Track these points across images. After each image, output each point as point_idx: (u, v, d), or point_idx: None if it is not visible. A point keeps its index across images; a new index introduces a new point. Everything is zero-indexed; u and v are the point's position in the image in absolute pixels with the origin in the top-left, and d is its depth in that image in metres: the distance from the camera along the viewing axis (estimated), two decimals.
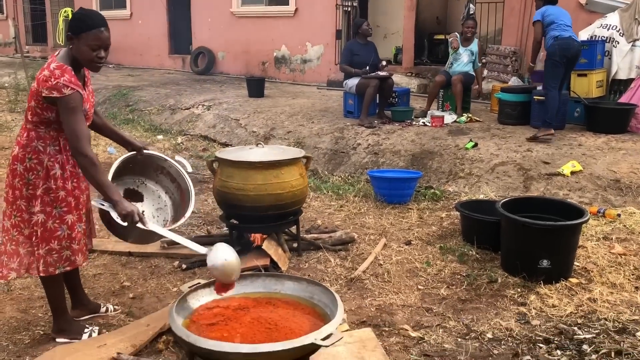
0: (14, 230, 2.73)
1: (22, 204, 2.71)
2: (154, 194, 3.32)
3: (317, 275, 3.72)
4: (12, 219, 2.73)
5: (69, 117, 2.58)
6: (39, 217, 2.70)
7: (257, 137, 7.47)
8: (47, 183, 2.70)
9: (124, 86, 10.91)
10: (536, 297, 3.40)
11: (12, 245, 2.74)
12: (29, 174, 2.69)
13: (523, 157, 5.66)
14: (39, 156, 2.68)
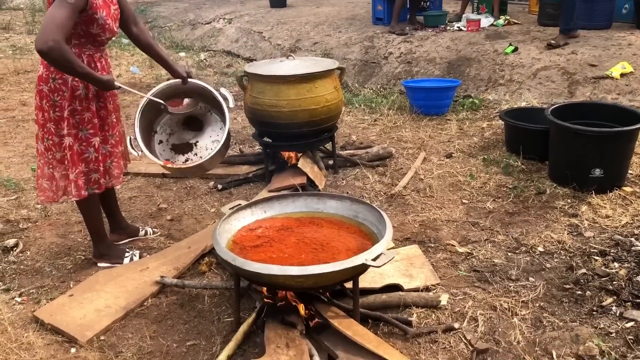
0: (48, 153, 2.65)
1: (52, 127, 2.60)
2: (216, 125, 3.14)
3: (355, 192, 3.60)
4: (45, 142, 2.64)
5: (54, 8, 2.31)
6: (68, 140, 2.59)
7: (282, 50, 7.17)
8: (72, 104, 2.56)
9: (142, 2, 10.53)
10: (588, 207, 3.24)
11: (48, 168, 2.67)
12: (54, 95, 2.55)
13: (567, 60, 5.30)
14: (63, 75, 2.52)
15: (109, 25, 2.55)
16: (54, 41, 2.26)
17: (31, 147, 4.27)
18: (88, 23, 2.46)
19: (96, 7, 2.44)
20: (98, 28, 2.50)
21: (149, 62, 7.38)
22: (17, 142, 4.67)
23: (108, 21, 2.54)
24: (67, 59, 2.32)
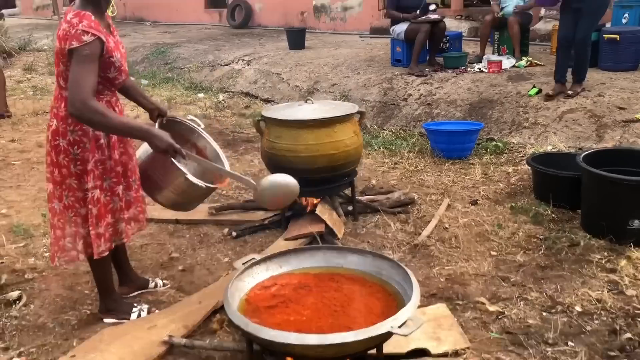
0: (69, 212, 2.46)
1: (73, 183, 2.43)
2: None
3: (376, 241, 3.42)
4: (65, 199, 2.45)
5: (77, 65, 2.20)
6: (95, 193, 2.44)
7: (300, 91, 7.11)
8: (96, 154, 2.42)
9: (162, 43, 10.64)
10: (627, 262, 3.01)
11: (71, 226, 2.48)
12: (75, 148, 2.39)
13: (594, 102, 5.13)
14: (83, 126, 2.37)
15: (124, 67, 2.46)
16: (82, 102, 2.17)
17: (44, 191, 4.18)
18: (105, 68, 2.36)
19: (111, 50, 2.34)
20: (115, 71, 2.40)
21: (167, 103, 7.38)
22: (30, 185, 4.59)
23: (123, 62, 2.45)
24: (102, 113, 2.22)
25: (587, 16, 4.99)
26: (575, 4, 4.97)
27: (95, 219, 2.45)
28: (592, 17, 5.05)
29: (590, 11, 4.99)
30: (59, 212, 2.48)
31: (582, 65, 5.26)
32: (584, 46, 5.14)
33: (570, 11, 5.04)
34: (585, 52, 5.17)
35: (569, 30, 5.09)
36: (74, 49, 2.21)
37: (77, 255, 2.51)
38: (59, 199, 2.46)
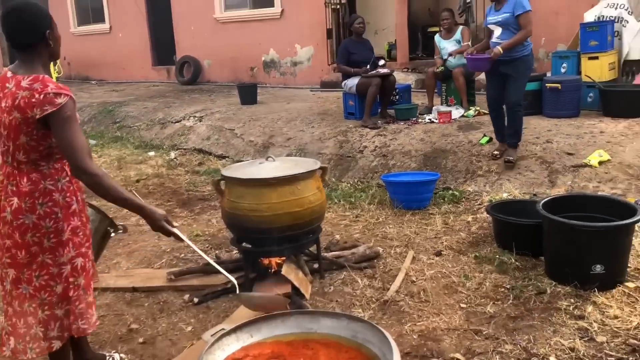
0: (42, 292, 2.27)
1: (47, 259, 2.25)
2: None
3: (345, 300, 3.34)
4: (36, 281, 2.26)
5: (64, 129, 2.12)
6: (77, 262, 2.30)
7: (255, 146, 7.08)
8: (72, 222, 2.29)
9: (109, 102, 10.47)
10: (594, 307, 3.04)
11: (45, 311, 2.27)
12: (47, 221, 2.23)
13: (543, 149, 5.31)
14: (52, 196, 2.23)
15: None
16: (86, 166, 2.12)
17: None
18: None
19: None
20: None
21: (117, 163, 7.19)
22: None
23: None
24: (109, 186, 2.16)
25: (515, 80, 5.01)
26: (503, 69, 5.00)
27: (82, 290, 2.32)
28: (520, 80, 5.05)
29: (518, 75, 5.01)
30: (30, 297, 2.26)
31: (516, 130, 5.18)
32: (516, 110, 5.08)
33: (497, 75, 5.08)
34: (518, 116, 5.12)
35: (497, 93, 5.13)
36: (50, 115, 2.10)
37: (50, 345, 2.29)
38: (28, 282, 2.25)
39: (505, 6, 4.95)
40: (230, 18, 12.03)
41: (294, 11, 10.99)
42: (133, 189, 5.49)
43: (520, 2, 4.87)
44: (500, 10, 4.99)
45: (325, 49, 10.60)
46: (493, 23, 5.07)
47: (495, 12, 5.07)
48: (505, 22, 4.94)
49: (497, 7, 5.06)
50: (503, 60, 4.94)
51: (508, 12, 4.91)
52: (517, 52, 4.93)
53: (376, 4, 11.36)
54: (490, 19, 5.10)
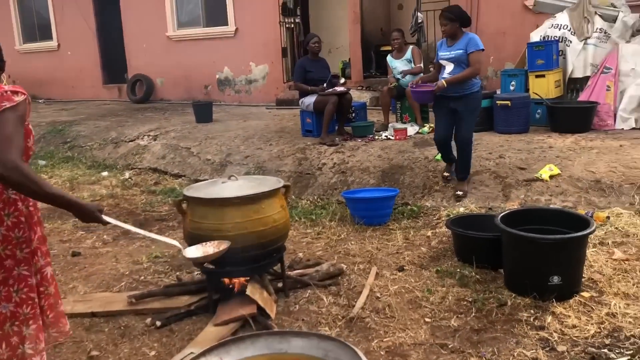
0: (24, 308, 2.16)
1: (23, 270, 2.16)
2: None
3: (311, 318, 3.33)
4: (16, 296, 2.15)
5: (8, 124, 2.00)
6: (47, 271, 2.26)
7: (212, 165, 7.02)
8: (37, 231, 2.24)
9: (59, 121, 10.18)
10: (553, 318, 3.14)
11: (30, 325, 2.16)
12: (16, 231, 2.15)
13: (497, 164, 5.48)
14: (17, 205, 2.15)
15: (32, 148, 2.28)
16: (13, 163, 1.94)
17: None
18: (27, 136, 2.17)
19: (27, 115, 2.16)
20: (31, 140, 2.22)
21: (69, 184, 6.98)
22: None
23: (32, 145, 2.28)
24: (34, 180, 2.00)
25: (465, 117, 4.95)
26: (453, 105, 4.93)
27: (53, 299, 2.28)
28: (470, 117, 4.99)
29: (468, 112, 4.95)
30: (11, 315, 2.15)
31: (466, 164, 5.14)
32: (468, 145, 5.04)
33: (447, 111, 5.00)
34: (469, 151, 5.09)
35: (446, 130, 5.05)
36: (5, 109, 2.02)
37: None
38: (7, 300, 2.15)
39: (459, 43, 4.88)
40: (184, 36, 11.95)
41: (248, 30, 11.02)
42: None
43: (474, 40, 4.84)
44: (453, 46, 4.91)
45: (280, 67, 10.66)
46: (445, 59, 4.96)
47: (447, 47, 4.97)
48: (458, 58, 4.87)
49: (449, 43, 4.96)
50: (452, 97, 4.90)
51: (461, 49, 4.84)
52: (466, 89, 4.89)
53: (330, 24, 11.52)
54: (443, 55, 4.98)
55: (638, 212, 4.43)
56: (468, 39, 4.86)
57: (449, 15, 4.84)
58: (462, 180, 5.17)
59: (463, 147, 5.02)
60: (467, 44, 4.83)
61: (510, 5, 8.35)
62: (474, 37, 4.89)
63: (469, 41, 4.84)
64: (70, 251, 4.66)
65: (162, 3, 11.95)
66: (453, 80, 4.82)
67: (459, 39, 4.89)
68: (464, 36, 4.90)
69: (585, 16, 6.83)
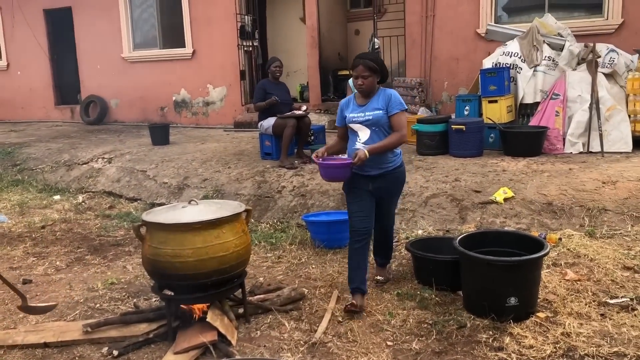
0: None
1: None
2: None
3: (273, 344, 3.30)
4: None
5: None
6: None
7: (169, 188, 6.91)
8: None
9: (8, 143, 9.86)
10: (511, 338, 3.20)
11: None
12: None
13: (453, 187, 5.60)
14: None
15: None
16: None
17: None
18: None
19: None
20: None
21: (19, 208, 6.74)
22: None
23: None
24: None
25: (391, 199, 3.94)
26: (375, 185, 3.73)
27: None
28: (396, 199, 4.03)
29: (394, 193, 3.94)
30: None
31: (389, 249, 4.22)
32: (391, 229, 4.12)
33: (366, 194, 3.73)
34: (392, 235, 4.18)
35: (370, 218, 3.75)
36: None
37: None
38: None
39: (374, 101, 3.69)
40: (139, 58, 11.81)
41: (206, 52, 11.00)
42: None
43: (396, 98, 3.68)
44: (367, 105, 3.69)
45: (238, 90, 10.66)
46: (359, 122, 3.67)
47: (358, 107, 3.72)
48: (376, 121, 3.63)
49: (360, 102, 3.73)
50: (374, 176, 3.68)
51: (379, 109, 3.63)
52: (389, 164, 3.71)
53: (287, 47, 11.63)
54: (354, 117, 3.70)
55: (588, 233, 4.60)
56: (387, 96, 3.67)
57: (371, 65, 3.61)
58: (382, 266, 4.21)
59: (387, 233, 4.08)
60: (387, 102, 3.64)
61: (463, 33, 8.63)
62: (394, 94, 3.70)
63: (389, 99, 3.65)
64: (21, 279, 4.48)
65: (117, 23, 11.82)
66: (376, 149, 3.56)
67: (374, 95, 3.71)
68: (380, 92, 3.72)
69: (534, 44, 7.12)
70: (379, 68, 3.66)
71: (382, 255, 4.20)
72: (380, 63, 3.70)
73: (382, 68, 3.70)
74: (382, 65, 3.71)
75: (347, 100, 3.85)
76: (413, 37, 9.04)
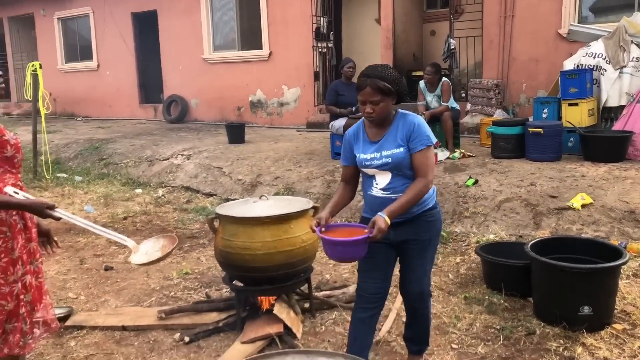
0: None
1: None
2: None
3: (337, 340, 3.35)
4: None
5: None
6: (26, 279, 2.36)
7: (243, 185, 7.12)
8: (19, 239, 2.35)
9: (96, 139, 10.48)
10: (583, 349, 3.08)
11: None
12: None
13: (528, 191, 5.43)
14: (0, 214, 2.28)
15: (19, 144, 2.42)
16: None
17: None
18: (2, 148, 2.33)
19: (2, 129, 2.32)
20: (12, 149, 2.36)
21: (104, 200, 7.16)
22: None
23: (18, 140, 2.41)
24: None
25: (419, 254, 2.76)
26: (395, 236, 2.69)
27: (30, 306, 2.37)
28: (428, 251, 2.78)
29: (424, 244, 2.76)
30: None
31: (423, 330, 2.95)
32: (424, 302, 2.85)
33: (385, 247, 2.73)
34: (426, 310, 2.89)
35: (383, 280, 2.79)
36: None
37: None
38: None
39: (391, 134, 2.66)
40: (219, 59, 12.23)
41: (282, 53, 11.23)
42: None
43: (421, 130, 2.62)
44: (383, 141, 2.66)
45: (312, 91, 10.80)
46: (375, 166, 2.66)
47: (371, 144, 2.69)
48: (397, 163, 2.62)
49: (372, 136, 2.70)
50: (395, 223, 2.59)
51: (401, 146, 2.62)
52: (417, 206, 2.68)
53: (362, 49, 11.66)
54: (367, 160, 2.67)
55: None
56: (410, 125, 2.63)
57: (382, 86, 2.55)
58: (417, 354, 3.03)
59: (417, 305, 2.87)
60: (409, 134, 2.62)
61: (544, 33, 8.34)
62: (418, 122, 2.64)
63: (411, 130, 2.62)
64: (103, 265, 4.77)
65: (198, 26, 12.29)
66: (398, 210, 2.55)
67: (390, 124, 2.67)
68: (399, 119, 2.67)
69: (621, 45, 6.77)
70: (393, 88, 2.57)
71: (417, 339, 2.97)
72: (394, 79, 2.59)
73: (399, 86, 2.60)
74: (397, 82, 2.60)
75: (355, 130, 2.77)
76: (491, 38, 8.83)
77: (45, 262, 4.90)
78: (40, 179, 8.26)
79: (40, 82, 8.14)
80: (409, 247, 2.74)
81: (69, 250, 5.23)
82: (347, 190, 2.87)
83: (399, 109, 2.71)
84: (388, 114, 2.63)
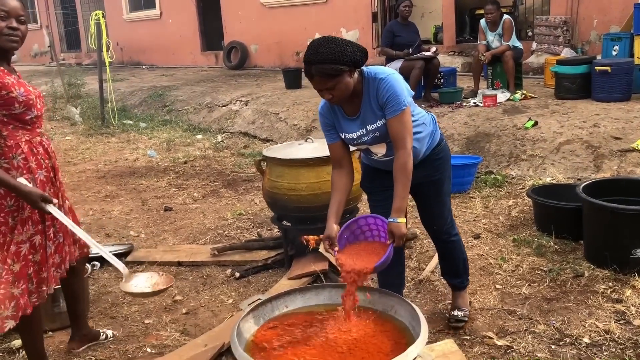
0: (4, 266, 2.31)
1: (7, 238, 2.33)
2: None
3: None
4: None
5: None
6: (36, 239, 2.38)
7: (298, 130, 7.18)
8: None
9: (159, 86, 10.78)
10: (632, 292, 3.01)
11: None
12: (7, 200, 2.31)
13: (590, 133, 5.19)
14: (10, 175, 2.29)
15: (32, 100, 2.34)
16: None
17: None
18: (9, 105, 2.28)
19: (9, 85, 2.27)
20: (22, 107, 2.31)
21: (166, 145, 7.43)
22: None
23: (30, 96, 2.34)
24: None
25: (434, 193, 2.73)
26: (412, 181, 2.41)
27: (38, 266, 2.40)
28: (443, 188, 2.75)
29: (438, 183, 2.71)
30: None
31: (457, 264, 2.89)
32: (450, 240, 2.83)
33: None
34: (456, 247, 2.86)
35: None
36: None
37: (2, 326, 2.30)
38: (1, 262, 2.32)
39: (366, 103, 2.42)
40: (277, 3, 12.13)
41: None
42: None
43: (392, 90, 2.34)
44: (362, 115, 2.44)
45: (370, 33, 10.58)
46: (366, 142, 2.51)
47: (351, 121, 2.48)
48: (386, 135, 2.44)
49: (349, 110, 2.47)
50: None
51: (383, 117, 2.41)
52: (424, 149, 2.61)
53: None
54: (354, 138, 2.50)
55: None
56: (377, 91, 2.38)
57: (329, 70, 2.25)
58: (458, 289, 2.95)
59: (443, 238, 2.83)
60: (381, 102, 2.39)
61: None
62: (386, 80, 2.36)
63: (382, 95, 2.37)
64: (163, 206, 5.02)
65: None
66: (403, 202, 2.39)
67: (362, 92, 2.42)
68: (366, 84, 2.41)
69: None
70: (341, 65, 2.25)
71: (451, 272, 2.93)
72: (339, 54, 2.24)
73: (347, 57, 2.26)
74: (343, 54, 2.25)
75: (326, 106, 2.53)
76: None
77: (109, 202, 5.23)
78: (107, 126, 8.65)
79: (103, 31, 8.39)
80: (423, 188, 2.69)
81: (132, 192, 5.52)
82: (343, 178, 2.57)
83: (363, 68, 2.41)
84: (351, 88, 2.34)
